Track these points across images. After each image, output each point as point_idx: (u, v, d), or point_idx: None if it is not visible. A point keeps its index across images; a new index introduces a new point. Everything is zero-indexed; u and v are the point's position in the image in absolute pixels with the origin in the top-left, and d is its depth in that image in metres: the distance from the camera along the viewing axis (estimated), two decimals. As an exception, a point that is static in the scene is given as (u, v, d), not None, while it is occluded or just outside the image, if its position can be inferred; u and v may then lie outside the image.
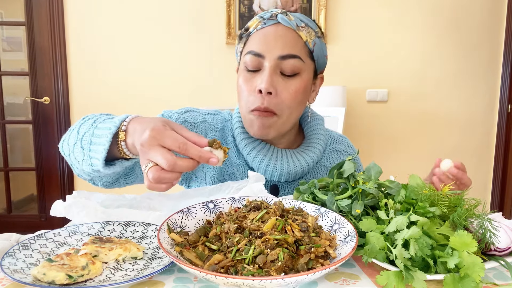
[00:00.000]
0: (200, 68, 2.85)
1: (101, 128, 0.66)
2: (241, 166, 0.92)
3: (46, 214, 2.98)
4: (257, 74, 0.83)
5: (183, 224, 0.59)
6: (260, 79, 0.81)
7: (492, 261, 0.52)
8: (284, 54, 0.81)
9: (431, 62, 2.92)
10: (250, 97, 0.83)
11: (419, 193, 0.58)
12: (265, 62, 0.81)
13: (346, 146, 1.01)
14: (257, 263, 0.47)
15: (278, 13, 0.83)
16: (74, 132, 0.72)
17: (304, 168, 0.90)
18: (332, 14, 2.83)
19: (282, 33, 0.82)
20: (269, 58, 0.81)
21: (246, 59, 0.83)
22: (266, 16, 0.84)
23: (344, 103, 2.66)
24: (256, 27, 0.84)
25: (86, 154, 0.67)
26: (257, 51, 0.81)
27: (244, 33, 0.87)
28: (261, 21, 0.84)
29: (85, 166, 0.69)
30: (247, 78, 0.84)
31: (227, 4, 2.75)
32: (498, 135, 3.02)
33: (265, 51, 0.81)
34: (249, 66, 0.83)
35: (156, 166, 0.54)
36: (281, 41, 0.81)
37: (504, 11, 2.90)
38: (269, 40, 0.81)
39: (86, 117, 0.75)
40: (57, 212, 0.69)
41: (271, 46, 0.81)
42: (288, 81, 0.83)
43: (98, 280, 0.51)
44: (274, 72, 0.81)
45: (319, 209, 0.63)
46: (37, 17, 2.80)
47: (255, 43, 0.83)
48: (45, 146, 2.94)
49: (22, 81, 2.93)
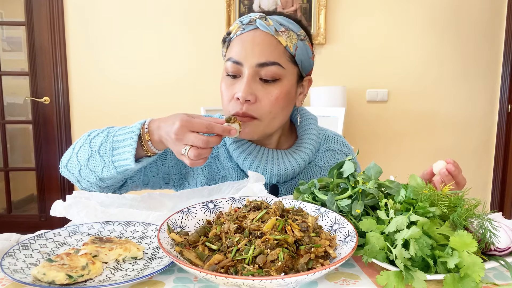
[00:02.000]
0: (200, 68, 2.85)
1: (120, 135, 0.77)
2: (233, 169, 0.93)
3: (46, 214, 2.98)
4: (237, 81, 0.82)
5: (183, 224, 0.59)
6: (239, 86, 0.80)
7: (492, 261, 0.52)
8: (262, 62, 0.80)
9: (431, 62, 2.92)
10: (230, 103, 0.83)
11: (419, 193, 0.58)
12: (243, 69, 0.81)
13: (340, 145, 1.00)
14: (257, 263, 0.47)
15: (256, 18, 0.82)
16: (84, 148, 0.80)
17: (295, 169, 0.89)
18: (332, 14, 2.83)
19: (260, 39, 0.81)
20: (247, 65, 0.80)
21: (227, 66, 0.83)
22: (245, 22, 0.82)
23: (344, 103, 2.66)
24: (236, 33, 0.83)
25: (108, 161, 0.77)
26: (235, 59, 0.81)
27: (227, 37, 0.87)
28: (240, 26, 0.83)
29: (106, 173, 0.78)
30: (227, 84, 0.84)
31: (227, 4, 2.75)
32: (498, 135, 3.02)
33: (243, 58, 0.80)
34: (229, 72, 0.83)
35: (193, 147, 0.68)
36: (259, 48, 0.80)
37: (504, 11, 2.90)
38: (247, 47, 0.81)
39: (87, 136, 0.83)
40: (57, 212, 0.69)
41: (249, 54, 0.80)
42: (268, 88, 0.82)
43: (98, 280, 0.51)
44: (253, 79, 0.80)
45: (319, 209, 0.63)
46: (37, 17, 2.80)
47: (234, 49, 0.83)
48: (45, 146, 2.94)
49: (22, 81, 2.93)
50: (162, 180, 0.93)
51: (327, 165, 0.96)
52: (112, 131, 0.80)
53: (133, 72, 2.85)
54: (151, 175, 0.91)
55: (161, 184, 0.94)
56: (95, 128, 0.90)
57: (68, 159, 0.82)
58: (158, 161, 0.91)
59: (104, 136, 0.79)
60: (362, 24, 2.85)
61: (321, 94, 2.66)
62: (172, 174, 0.93)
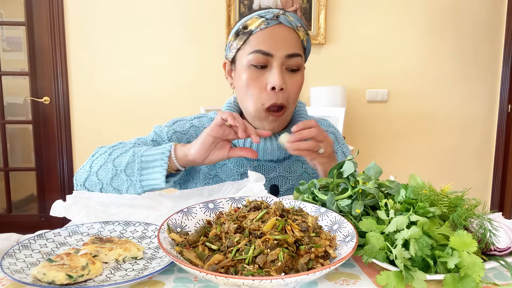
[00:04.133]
0: (200, 67, 2.85)
1: (146, 155, 0.85)
2: None
3: (46, 214, 2.98)
4: (265, 72, 0.88)
5: (183, 224, 0.59)
6: (272, 76, 0.87)
7: (492, 261, 0.52)
8: (291, 53, 0.87)
9: (431, 62, 2.92)
10: (262, 93, 0.88)
11: (419, 193, 0.58)
12: (273, 60, 0.87)
13: (327, 126, 1.08)
14: (257, 263, 0.47)
15: (280, 13, 0.89)
16: (106, 168, 0.86)
17: None
18: (332, 14, 2.83)
19: (286, 33, 0.88)
20: (277, 56, 0.87)
21: (253, 57, 0.87)
22: (269, 17, 0.88)
23: (344, 103, 2.66)
24: (259, 27, 0.88)
25: (135, 180, 0.84)
26: (266, 50, 0.86)
27: (243, 30, 0.90)
28: (264, 21, 0.88)
29: (131, 191, 0.85)
30: (255, 75, 0.89)
31: (227, 4, 2.75)
32: (498, 135, 3.02)
33: (274, 50, 0.86)
34: (256, 63, 0.87)
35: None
36: (287, 41, 0.88)
37: (504, 11, 2.90)
38: (276, 40, 0.87)
39: (107, 155, 0.89)
40: (57, 212, 0.69)
41: (279, 45, 0.87)
42: (293, 76, 0.90)
43: (98, 280, 0.51)
44: (282, 69, 0.88)
45: (319, 209, 0.63)
46: (37, 17, 2.80)
47: (261, 42, 0.87)
48: (45, 146, 2.94)
49: (22, 81, 2.93)
50: None
51: None
52: (138, 152, 0.87)
53: (133, 72, 2.85)
54: None
55: None
56: (95, 128, 0.93)
57: (86, 178, 0.88)
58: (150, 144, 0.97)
59: (130, 156, 0.86)
60: (362, 24, 2.85)
61: (321, 94, 2.66)
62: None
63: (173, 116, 3.11)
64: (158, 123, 2.90)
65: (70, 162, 2.92)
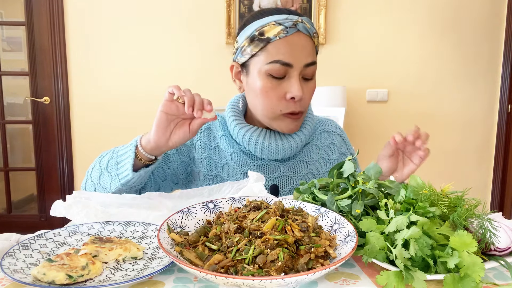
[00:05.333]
0: (200, 68, 2.85)
1: (121, 150, 0.85)
2: (235, 154, 0.98)
3: (46, 214, 2.98)
4: (283, 81, 0.88)
5: (183, 224, 0.59)
6: (292, 87, 0.87)
7: (492, 261, 0.52)
8: (309, 62, 0.88)
9: (431, 62, 2.92)
10: (280, 102, 0.89)
11: (419, 193, 0.58)
12: (292, 70, 0.87)
13: (334, 127, 1.08)
14: (257, 263, 0.47)
15: (298, 21, 0.87)
16: (95, 168, 0.88)
17: (298, 144, 0.96)
18: (332, 14, 2.83)
19: (305, 42, 0.87)
20: (296, 66, 0.87)
21: (272, 67, 0.86)
22: (288, 25, 0.86)
23: (344, 103, 2.66)
24: (278, 35, 0.86)
25: (114, 174, 0.85)
26: (286, 61, 0.86)
27: (259, 37, 0.87)
28: (284, 30, 0.86)
29: (113, 186, 0.85)
30: (273, 85, 0.88)
31: (227, 4, 2.75)
32: (498, 135, 3.02)
33: (294, 61, 0.86)
34: (275, 74, 0.87)
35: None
36: (306, 51, 0.87)
37: (504, 11, 2.90)
38: (296, 50, 0.86)
39: (98, 158, 0.91)
40: (57, 212, 0.69)
41: (298, 56, 0.86)
42: (308, 84, 0.91)
43: (98, 280, 0.51)
44: (300, 79, 0.88)
45: (319, 209, 0.63)
46: (37, 17, 2.80)
47: (281, 52, 0.86)
48: (45, 146, 2.94)
49: (22, 81, 2.93)
50: (171, 182, 1.00)
51: (323, 145, 1.04)
52: (116, 149, 0.88)
53: (133, 72, 2.85)
54: (160, 181, 0.97)
55: (171, 186, 1.01)
56: (95, 128, 0.96)
57: (85, 182, 0.91)
58: (164, 166, 0.97)
59: (110, 153, 0.88)
60: (362, 24, 2.85)
61: (321, 94, 2.66)
62: (179, 175, 1.00)
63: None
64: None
65: (70, 162, 2.92)
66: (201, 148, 1.00)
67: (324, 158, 1.03)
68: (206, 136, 1.01)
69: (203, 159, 0.99)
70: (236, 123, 0.96)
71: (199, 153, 1.00)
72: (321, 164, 1.02)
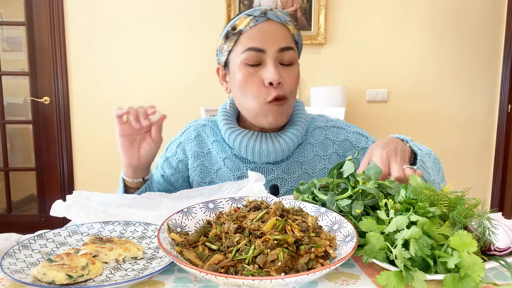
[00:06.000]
0: (200, 68, 2.85)
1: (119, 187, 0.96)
2: (228, 159, 0.98)
3: (46, 214, 2.98)
4: (259, 68, 0.88)
5: (183, 224, 0.59)
6: (267, 72, 0.86)
7: (492, 261, 0.52)
8: (283, 46, 0.87)
9: (431, 62, 2.92)
10: (261, 89, 0.88)
11: (419, 193, 0.58)
12: (266, 56, 0.87)
13: (325, 122, 1.05)
14: (257, 263, 0.47)
15: (267, 10, 0.89)
16: None
17: (290, 146, 0.94)
18: (332, 14, 2.83)
19: (276, 28, 0.88)
20: (270, 52, 0.87)
21: (246, 56, 0.87)
22: (256, 14, 0.88)
23: (344, 103, 2.66)
24: (248, 25, 0.88)
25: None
26: (257, 47, 0.86)
27: (232, 32, 0.90)
28: (253, 19, 0.88)
29: None
30: (250, 73, 0.88)
31: (227, 4, 2.75)
32: (498, 135, 3.02)
33: (265, 45, 0.86)
34: (250, 62, 0.87)
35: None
36: (278, 35, 0.88)
37: (504, 11, 2.90)
38: (267, 35, 0.87)
39: None
40: (57, 212, 0.69)
41: (270, 41, 0.87)
42: (288, 69, 0.90)
43: (98, 280, 0.51)
44: (276, 64, 0.87)
45: (319, 209, 0.63)
46: (37, 17, 2.80)
47: (252, 39, 0.87)
48: (45, 146, 2.94)
49: (22, 81, 2.93)
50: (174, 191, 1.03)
51: (317, 142, 1.01)
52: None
53: (133, 72, 2.85)
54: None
55: None
56: (95, 128, 1.00)
57: None
58: (171, 187, 1.03)
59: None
60: (362, 24, 2.85)
61: (321, 94, 2.66)
62: (174, 182, 1.04)
63: (172, 115, 3.11)
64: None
65: (70, 162, 2.92)
66: (193, 157, 1.00)
67: (319, 155, 1.00)
68: (197, 144, 1.01)
69: (195, 167, 1.00)
70: (227, 127, 0.96)
71: (191, 162, 1.01)
72: (317, 162, 0.99)
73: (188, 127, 1.05)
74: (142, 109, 0.82)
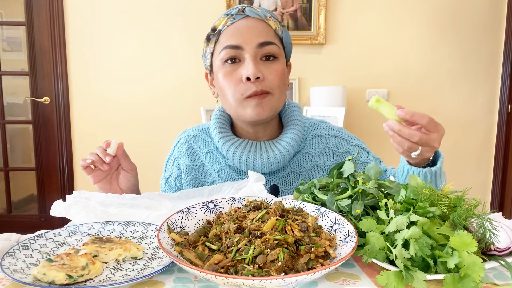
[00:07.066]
0: (200, 68, 2.85)
1: None
2: (222, 171, 0.95)
3: (46, 214, 2.98)
4: (239, 66, 0.85)
5: (183, 224, 0.59)
6: (245, 68, 0.83)
7: (492, 261, 0.52)
8: (262, 41, 0.85)
9: (431, 62, 2.92)
10: (239, 86, 0.85)
11: (419, 193, 0.58)
12: (244, 52, 0.84)
13: (326, 130, 0.99)
14: (257, 263, 0.47)
15: (245, 7, 0.88)
16: None
17: (285, 156, 0.90)
18: (332, 14, 2.83)
19: (254, 23, 0.86)
20: (248, 48, 0.84)
21: (224, 54, 0.86)
22: (234, 12, 0.87)
23: (344, 103, 2.66)
24: (226, 24, 0.87)
25: None
26: (234, 44, 0.84)
27: (212, 33, 0.89)
28: (230, 17, 0.87)
29: None
30: (228, 71, 0.86)
31: (227, 4, 2.75)
32: (498, 135, 3.02)
33: (242, 42, 0.84)
34: (227, 59, 0.86)
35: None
36: (255, 31, 0.85)
37: (504, 11, 2.90)
38: (244, 32, 0.85)
39: None
40: (57, 212, 0.69)
41: (247, 37, 0.84)
42: (270, 65, 0.86)
43: (98, 280, 0.51)
44: (255, 60, 0.84)
45: (319, 209, 0.63)
46: (37, 17, 2.80)
47: (229, 37, 0.86)
48: (45, 146, 2.94)
49: (22, 81, 2.93)
50: None
51: (316, 151, 0.96)
52: None
53: (133, 72, 2.85)
54: None
55: None
56: (95, 128, 1.00)
57: None
58: None
59: None
60: (362, 24, 2.85)
61: (321, 94, 2.66)
62: None
63: (172, 115, 3.09)
64: (158, 122, 2.91)
65: (70, 162, 2.92)
66: (186, 171, 0.98)
67: (319, 165, 0.95)
68: (188, 158, 0.98)
69: (188, 181, 0.97)
70: (220, 136, 0.92)
71: (184, 176, 0.98)
72: (315, 172, 0.95)
73: (178, 140, 1.03)
74: (99, 149, 0.85)
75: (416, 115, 0.67)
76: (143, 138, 2.88)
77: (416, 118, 0.67)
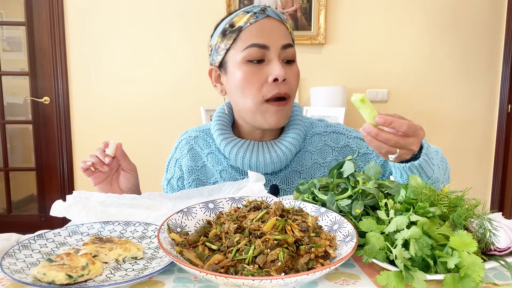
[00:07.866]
0: (200, 68, 2.85)
1: None
2: (224, 171, 0.95)
3: (46, 214, 2.98)
4: (263, 66, 0.85)
5: (183, 224, 0.59)
6: (273, 68, 0.83)
7: (492, 261, 0.52)
8: (285, 43, 0.85)
9: (431, 62, 2.92)
10: (263, 87, 0.84)
11: (419, 193, 0.58)
12: (269, 52, 0.84)
13: (324, 127, 0.99)
14: (257, 263, 0.47)
15: (266, 6, 0.87)
16: None
17: (287, 155, 0.91)
18: (332, 14, 2.83)
19: (277, 24, 0.86)
20: (273, 48, 0.84)
21: (248, 53, 0.84)
22: (256, 10, 0.86)
23: (344, 103, 2.66)
24: (249, 21, 0.85)
25: None
26: (261, 43, 0.84)
27: (230, 29, 0.87)
28: (252, 15, 0.85)
29: None
30: (253, 70, 0.84)
31: (227, 4, 2.75)
32: (498, 135, 3.02)
33: (269, 42, 0.84)
34: (253, 58, 0.84)
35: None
36: (279, 32, 0.86)
37: (504, 11, 2.90)
38: (270, 32, 0.85)
39: None
40: (57, 212, 0.69)
41: (273, 37, 0.84)
42: (291, 67, 0.87)
43: (98, 280, 0.51)
44: (280, 60, 0.85)
45: (319, 209, 0.63)
46: (37, 17, 2.80)
47: (254, 36, 0.84)
48: (45, 146, 2.94)
49: (22, 81, 2.93)
50: None
51: (316, 149, 0.96)
52: None
53: (133, 72, 2.85)
54: None
55: None
56: (95, 128, 1.01)
57: None
58: None
59: None
60: (362, 24, 2.85)
61: (321, 94, 2.66)
62: None
63: (172, 115, 3.09)
64: (158, 122, 2.91)
65: (70, 162, 2.92)
66: (188, 172, 0.97)
67: (319, 163, 0.95)
68: (190, 158, 0.98)
69: (191, 182, 0.97)
70: (222, 138, 0.92)
71: (186, 177, 0.98)
72: (316, 170, 0.95)
73: (180, 141, 1.02)
74: (98, 151, 0.85)
75: (394, 123, 0.65)
76: (143, 138, 2.88)
77: (395, 125, 0.66)
